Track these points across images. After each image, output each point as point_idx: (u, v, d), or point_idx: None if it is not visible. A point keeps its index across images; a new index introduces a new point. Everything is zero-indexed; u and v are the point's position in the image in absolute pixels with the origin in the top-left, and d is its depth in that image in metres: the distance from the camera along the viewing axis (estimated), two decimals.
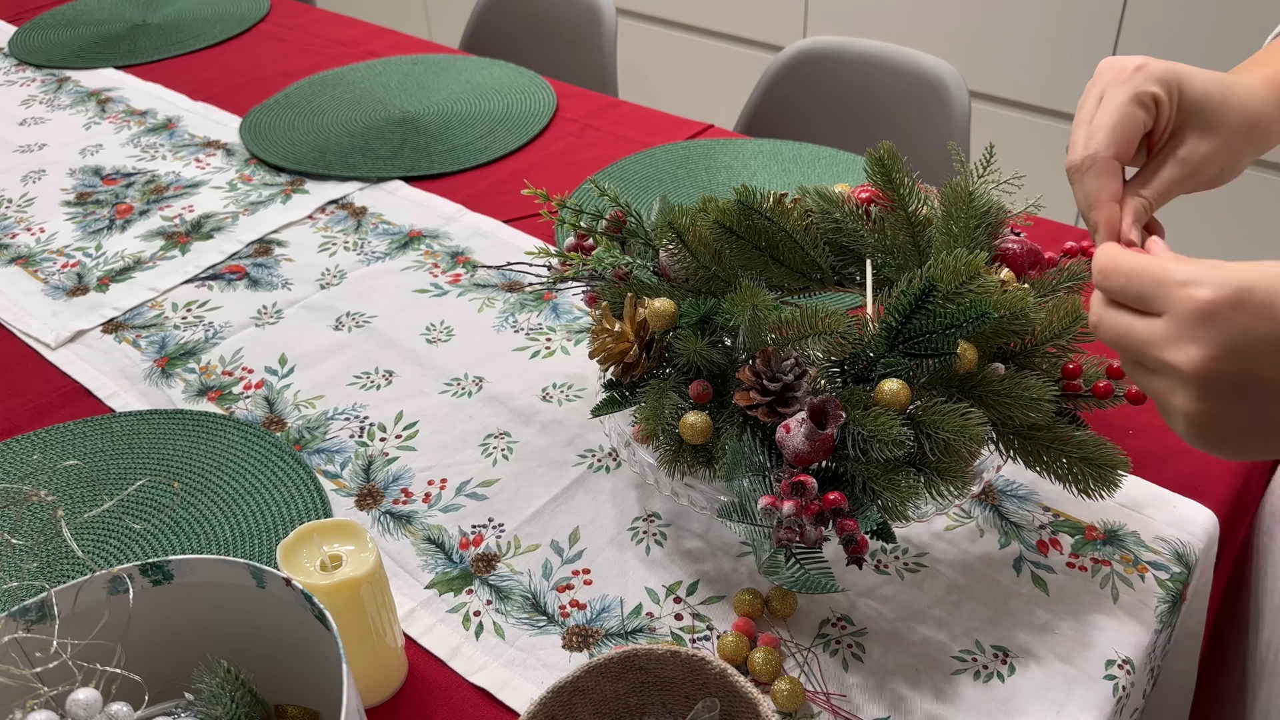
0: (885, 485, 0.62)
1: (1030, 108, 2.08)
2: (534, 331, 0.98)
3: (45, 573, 0.76)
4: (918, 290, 0.64)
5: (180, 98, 1.49)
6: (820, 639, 0.69)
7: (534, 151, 1.30)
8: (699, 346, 0.67)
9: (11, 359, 0.99)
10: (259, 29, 1.70)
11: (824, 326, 0.65)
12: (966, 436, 0.62)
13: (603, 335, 0.72)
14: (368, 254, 1.11)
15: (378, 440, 0.87)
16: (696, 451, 0.68)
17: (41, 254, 1.15)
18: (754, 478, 0.65)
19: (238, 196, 1.23)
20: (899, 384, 0.63)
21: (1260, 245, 1.90)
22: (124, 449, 0.87)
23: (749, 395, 0.65)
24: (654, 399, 0.69)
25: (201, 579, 0.58)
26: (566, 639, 0.70)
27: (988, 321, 0.63)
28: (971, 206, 0.73)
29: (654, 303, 0.70)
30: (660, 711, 0.62)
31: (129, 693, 0.55)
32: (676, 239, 0.72)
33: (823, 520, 0.62)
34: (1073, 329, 0.68)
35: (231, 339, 1.00)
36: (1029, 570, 0.73)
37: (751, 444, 0.65)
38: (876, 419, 0.62)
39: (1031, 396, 0.64)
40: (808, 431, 0.62)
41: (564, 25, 1.78)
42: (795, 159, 1.24)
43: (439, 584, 0.75)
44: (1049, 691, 0.65)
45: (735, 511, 0.65)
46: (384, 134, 1.34)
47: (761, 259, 0.74)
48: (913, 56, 1.44)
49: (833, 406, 0.62)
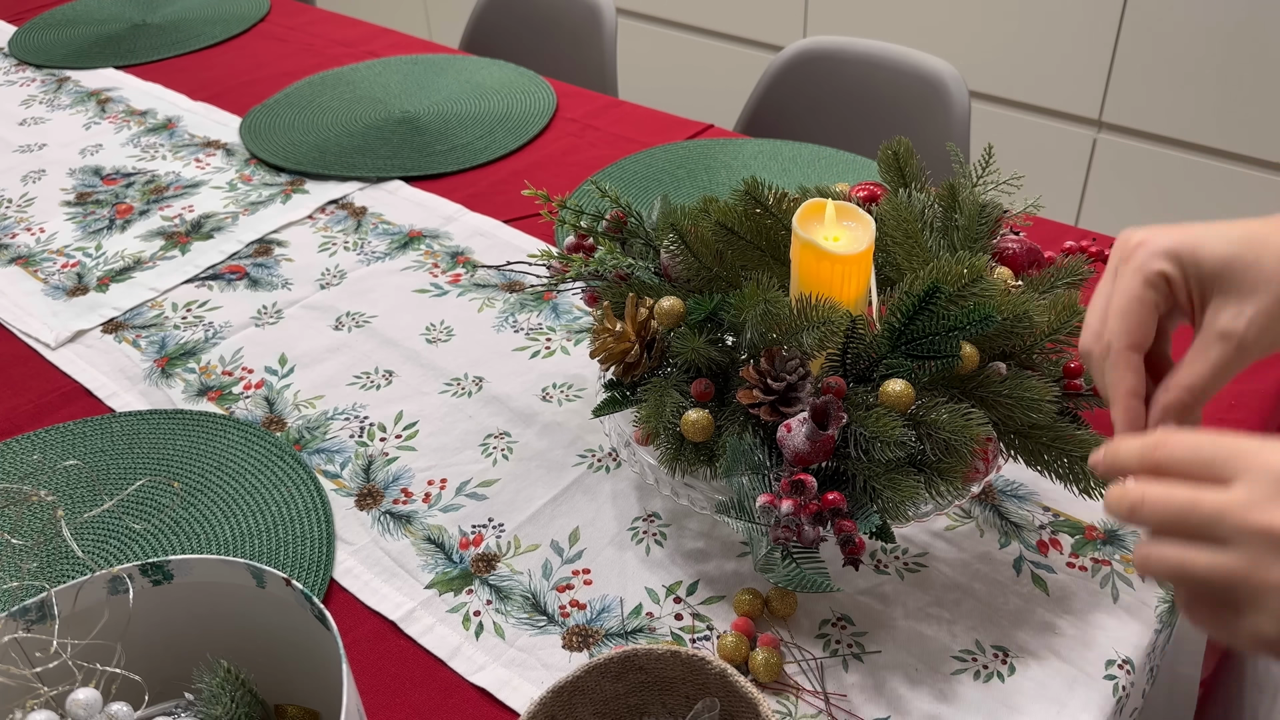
0: (886, 485, 0.62)
1: (1030, 108, 2.08)
2: (534, 331, 0.98)
3: (45, 573, 0.76)
4: (921, 292, 0.64)
5: (180, 98, 1.49)
6: (820, 639, 0.69)
7: (534, 151, 1.30)
8: (699, 344, 0.67)
9: (11, 359, 0.99)
10: (259, 29, 1.70)
11: (816, 318, 0.65)
12: (968, 437, 0.62)
13: (604, 335, 0.72)
14: (368, 254, 1.11)
15: (378, 440, 0.87)
16: (698, 449, 0.68)
17: (41, 254, 1.15)
18: (753, 475, 0.65)
19: (238, 196, 1.23)
20: (903, 385, 0.63)
21: None
22: (124, 449, 0.87)
23: (752, 394, 0.65)
24: (655, 397, 0.69)
25: (201, 579, 0.58)
26: (566, 639, 0.70)
27: (991, 324, 0.63)
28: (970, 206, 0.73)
29: (662, 302, 0.70)
30: (660, 711, 0.62)
31: (129, 693, 0.55)
32: (678, 239, 0.72)
33: (821, 520, 0.62)
34: (1070, 324, 0.68)
35: (231, 339, 1.00)
36: (1029, 570, 0.73)
37: (752, 442, 0.65)
38: (879, 420, 0.62)
39: (1033, 398, 0.64)
40: (809, 431, 0.62)
41: (564, 25, 1.78)
42: (795, 159, 1.24)
43: (439, 584, 0.75)
44: (1049, 691, 0.65)
45: (733, 509, 0.65)
46: (384, 134, 1.34)
47: (763, 259, 0.74)
48: (913, 56, 1.44)
49: (835, 408, 0.62)
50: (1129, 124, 1.97)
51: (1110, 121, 1.99)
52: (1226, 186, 1.89)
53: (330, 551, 0.77)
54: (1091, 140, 2.02)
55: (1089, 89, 1.98)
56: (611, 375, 0.75)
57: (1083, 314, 0.67)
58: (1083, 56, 1.95)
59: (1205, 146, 1.89)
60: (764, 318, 0.66)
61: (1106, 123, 2.00)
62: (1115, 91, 1.95)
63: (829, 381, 0.64)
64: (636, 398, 0.72)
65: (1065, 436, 0.67)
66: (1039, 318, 0.67)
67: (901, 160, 0.79)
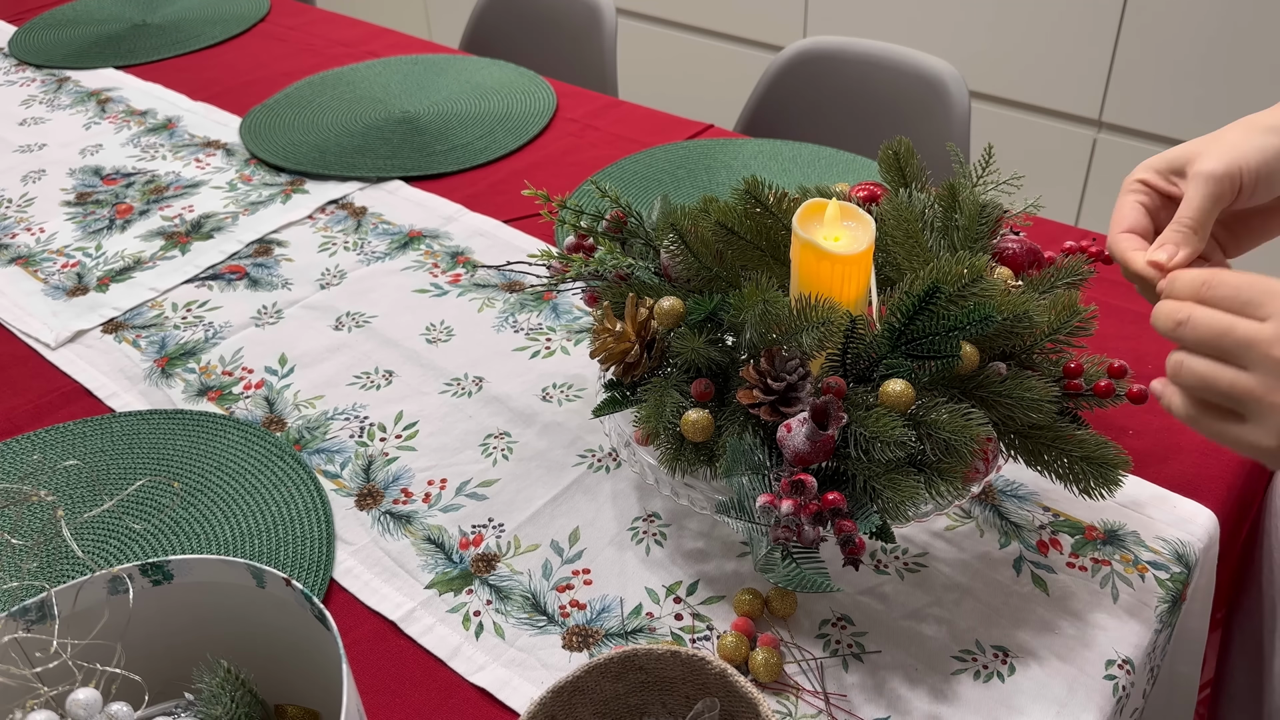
0: (886, 485, 0.62)
1: (1030, 108, 2.08)
2: (534, 331, 0.98)
3: (45, 573, 0.76)
4: (921, 292, 0.64)
5: (180, 98, 1.49)
6: (820, 639, 0.69)
7: (534, 151, 1.30)
8: (698, 344, 0.67)
9: (11, 359, 0.99)
10: (259, 29, 1.70)
11: (815, 319, 0.65)
12: (968, 437, 0.62)
13: (604, 335, 0.72)
14: (368, 254, 1.11)
15: (378, 440, 0.87)
16: (698, 449, 0.68)
17: (41, 254, 1.15)
18: (753, 476, 0.65)
19: (238, 196, 1.23)
20: (903, 385, 0.63)
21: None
22: (124, 449, 0.87)
23: (752, 394, 0.65)
24: (655, 398, 0.69)
25: (201, 579, 0.58)
26: (566, 639, 0.70)
27: (991, 325, 0.63)
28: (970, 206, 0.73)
29: (662, 302, 0.70)
30: (660, 711, 0.62)
31: (129, 693, 0.55)
32: (678, 239, 0.72)
33: (821, 520, 0.62)
34: (1070, 324, 0.68)
35: (231, 339, 1.00)
36: (1029, 570, 0.73)
37: (752, 442, 0.65)
38: (879, 420, 0.62)
39: (1033, 398, 0.64)
40: (809, 432, 0.62)
41: (564, 25, 1.78)
42: (795, 159, 1.24)
43: (439, 584, 0.75)
44: (1049, 691, 0.65)
45: (733, 509, 0.65)
46: (384, 134, 1.34)
47: (764, 259, 0.74)
48: (913, 56, 1.44)
49: (835, 408, 0.62)
50: (1129, 124, 1.97)
51: (1110, 121, 1.99)
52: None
53: (330, 551, 0.77)
54: (1091, 140, 2.02)
55: (1089, 89, 1.98)
56: (611, 375, 0.75)
57: (1082, 314, 0.68)
58: (1083, 56, 1.95)
59: None
60: (763, 318, 0.66)
61: (1106, 123, 2.00)
62: (1115, 91, 1.95)
63: (829, 381, 0.64)
64: (636, 398, 0.72)
65: (1065, 436, 0.67)
66: (1039, 318, 0.67)
67: (902, 160, 0.79)
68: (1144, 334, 0.92)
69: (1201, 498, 0.77)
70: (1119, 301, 0.94)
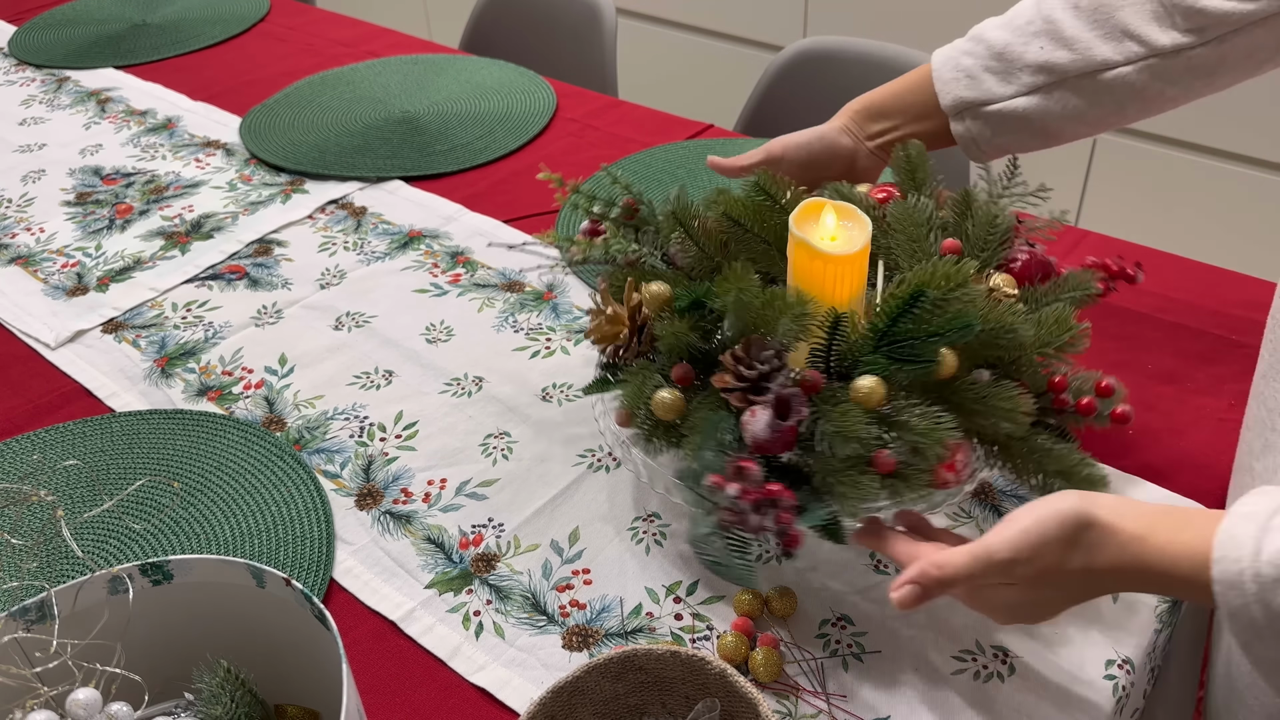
0: (843, 481, 0.62)
1: None
2: (534, 331, 0.98)
3: (45, 573, 0.76)
4: (906, 294, 0.63)
5: (180, 98, 1.49)
6: (820, 639, 0.69)
7: (534, 151, 1.30)
8: (678, 329, 0.68)
9: (11, 359, 0.99)
10: (259, 29, 1.70)
11: (785, 309, 0.65)
12: (934, 440, 0.62)
13: (599, 317, 0.73)
14: (368, 254, 1.11)
15: (378, 440, 0.87)
16: (669, 430, 0.69)
17: (41, 254, 1.15)
18: (718, 454, 0.65)
19: (238, 196, 1.23)
20: (874, 381, 0.63)
21: (1259, 245, 1.90)
22: (124, 449, 0.87)
23: (725, 379, 0.65)
24: (637, 380, 0.70)
25: (201, 579, 0.58)
26: (566, 639, 0.70)
27: (971, 333, 0.62)
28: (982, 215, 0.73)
29: (649, 286, 0.71)
30: (660, 711, 0.62)
31: (129, 693, 0.55)
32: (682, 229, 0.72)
33: (761, 509, 0.62)
34: (1060, 338, 0.67)
35: (231, 339, 1.00)
36: None
37: (725, 418, 0.65)
38: (844, 415, 0.62)
39: (1006, 407, 0.64)
40: (769, 420, 0.62)
41: (564, 25, 1.78)
42: None
43: (439, 584, 0.75)
44: (1049, 691, 0.65)
45: (690, 477, 0.66)
46: (384, 134, 1.34)
47: (769, 253, 0.74)
48: (913, 56, 1.44)
49: (797, 400, 0.62)
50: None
51: None
52: (1226, 186, 1.89)
53: (330, 551, 0.77)
54: (1091, 140, 2.02)
55: None
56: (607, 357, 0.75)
57: (1074, 330, 0.67)
58: None
59: (1205, 146, 1.89)
60: (736, 305, 0.66)
61: None
62: None
63: (806, 375, 0.64)
64: (621, 380, 0.72)
65: (1039, 449, 0.66)
66: (1025, 330, 0.66)
67: (914, 163, 0.79)
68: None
69: (1201, 498, 0.77)
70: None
